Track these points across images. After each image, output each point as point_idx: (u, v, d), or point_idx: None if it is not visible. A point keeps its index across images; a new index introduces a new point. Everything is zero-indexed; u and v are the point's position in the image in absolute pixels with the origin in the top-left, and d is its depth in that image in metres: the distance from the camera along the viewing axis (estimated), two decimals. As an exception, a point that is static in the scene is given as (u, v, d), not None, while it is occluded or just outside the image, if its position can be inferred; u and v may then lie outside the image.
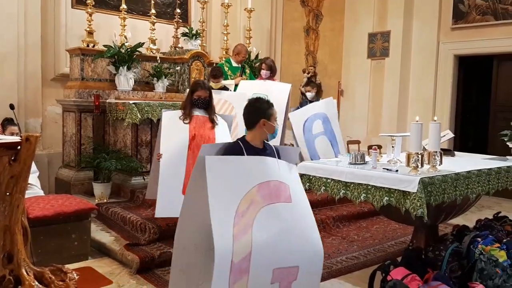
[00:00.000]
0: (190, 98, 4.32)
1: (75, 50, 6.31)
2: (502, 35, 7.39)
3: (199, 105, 4.30)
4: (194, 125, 4.22)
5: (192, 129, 4.20)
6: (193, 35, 7.25)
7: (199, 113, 4.32)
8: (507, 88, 7.79)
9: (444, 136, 4.64)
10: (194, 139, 4.13)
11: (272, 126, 2.92)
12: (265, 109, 2.93)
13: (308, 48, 10.06)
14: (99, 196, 5.57)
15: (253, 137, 2.92)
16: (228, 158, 2.58)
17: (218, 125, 4.33)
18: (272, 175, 2.51)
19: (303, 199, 2.63)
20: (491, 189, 3.81)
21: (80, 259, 4.29)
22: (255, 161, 2.57)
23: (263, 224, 2.37)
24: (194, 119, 4.26)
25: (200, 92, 4.28)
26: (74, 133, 6.10)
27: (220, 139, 4.17)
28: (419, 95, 8.35)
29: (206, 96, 4.30)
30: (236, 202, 2.35)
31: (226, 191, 2.36)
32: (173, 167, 4.09)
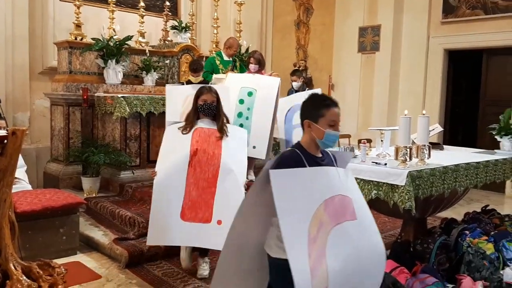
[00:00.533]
0: (195, 105, 3.67)
1: (63, 43, 6.24)
2: (492, 29, 7.42)
3: (206, 111, 3.63)
4: (197, 138, 3.56)
5: (194, 142, 3.52)
6: (183, 28, 7.20)
7: (205, 125, 3.63)
8: (496, 83, 7.84)
9: (433, 130, 4.65)
10: (196, 155, 3.48)
11: (319, 130, 2.30)
12: (311, 106, 2.38)
13: (298, 42, 10.04)
14: (87, 190, 5.53)
15: (307, 143, 2.37)
16: (294, 171, 2.13)
17: (227, 137, 3.61)
18: (335, 189, 2.18)
19: (366, 211, 2.32)
20: (479, 182, 3.82)
21: (69, 254, 4.27)
22: (318, 173, 2.20)
23: (335, 250, 2.06)
24: (198, 132, 3.59)
25: (205, 96, 3.64)
26: (63, 127, 6.04)
27: (228, 154, 3.53)
28: (409, 89, 8.38)
29: (213, 101, 3.64)
30: (306, 225, 2.02)
31: (295, 212, 2.02)
32: (169, 188, 3.46)
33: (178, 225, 3.41)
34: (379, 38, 8.57)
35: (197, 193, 3.43)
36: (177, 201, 3.43)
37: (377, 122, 8.24)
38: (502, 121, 4.58)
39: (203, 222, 3.41)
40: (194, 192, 3.43)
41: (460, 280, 3.20)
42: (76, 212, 4.40)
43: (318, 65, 9.74)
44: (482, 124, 7.65)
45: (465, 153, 4.43)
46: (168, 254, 4.16)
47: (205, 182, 3.44)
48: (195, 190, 3.43)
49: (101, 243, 4.39)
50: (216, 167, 3.45)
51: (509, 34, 7.22)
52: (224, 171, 3.46)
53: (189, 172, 3.46)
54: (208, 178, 3.44)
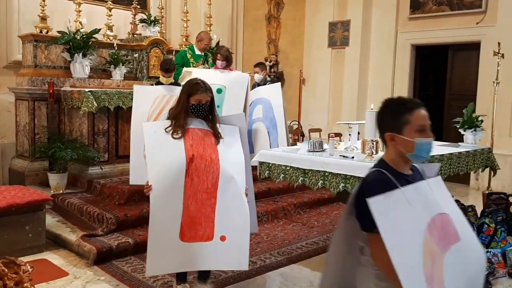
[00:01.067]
0: (185, 104, 3.09)
1: (27, 36, 6.08)
2: (457, 25, 7.60)
3: (199, 113, 3.08)
4: (190, 141, 3.00)
5: (189, 147, 2.97)
6: (152, 21, 7.11)
7: (196, 125, 3.09)
8: (461, 77, 8.05)
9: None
10: (193, 162, 2.93)
11: (407, 142, 1.90)
12: (390, 115, 1.96)
13: (270, 36, 10.06)
14: (54, 186, 5.43)
15: (393, 159, 1.96)
16: (392, 195, 1.76)
17: (223, 139, 3.12)
18: (433, 209, 1.87)
19: (465, 224, 2.02)
20: (444, 174, 3.93)
21: (35, 252, 4.19)
22: (416, 192, 1.85)
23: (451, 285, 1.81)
24: (190, 134, 3.03)
25: (200, 95, 3.07)
26: (28, 122, 5.90)
27: (226, 159, 3.04)
28: (378, 84, 8.51)
29: (207, 101, 3.09)
30: (420, 261, 1.72)
31: (404, 242, 1.72)
32: (167, 205, 2.92)
33: (178, 248, 2.90)
34: (349, 34, 8.67)
35: (196, 207, 2.92)
36: (175, 219, 2.90)
37: (347, 116, 8.35)
38: (465, 115, 4.72)
39: (204, 241, 2.92)
40: (193, 206, 2.91)
41: (425, 270, 3.28)
42: (42, 209, 4.31)
43: (289, 60, 9.79)
44: (448, 118, 7.83)
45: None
46: (137, 250, 4.13)
47: (204, 193, 2.94)
48: (193, 204, 2.92)
49: (69, 240, 4.32)
50: (215, 175, 2.95)
51: (473, 30, 7.41)
52: (224, 179, 2.96)
53: (186, 183, 2.91)
54: (208, 189, 2.94)
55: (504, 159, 6.77)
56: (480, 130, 4.66)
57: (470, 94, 7.50)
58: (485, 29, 7.26)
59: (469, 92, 7.62)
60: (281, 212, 5.40)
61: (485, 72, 7.22)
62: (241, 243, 2.94)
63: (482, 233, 4.18)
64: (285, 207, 5.49)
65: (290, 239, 4.65)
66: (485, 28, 7.26)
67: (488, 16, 7.27)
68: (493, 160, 4.64)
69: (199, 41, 6.09)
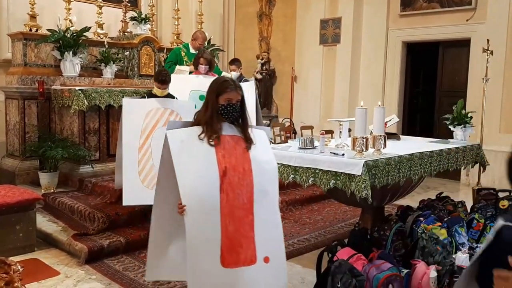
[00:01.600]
0: (214, 105, 2.65)
1: (17, 35, 6.05)
2: (447, 22, 7.65)
3: (230, 114, 2.66)
4: (222, 151, 2.58)
5: (220, 158, 2.57)
6: (142, 19, 7.10)
7: (226, 131, 2.66)
8: (452, 74, 8.10)
9: (390, 120, 4.77)
10: (226, 175, 2.55)
11: None
12: None
13: (261, 33, 10.06)
14: (45, 186, 5.40)
15: None
16: None
17: (255, 145, 2.70)
18: None
19: None
20: (433, 170, 3.96)
21: (26, 251, 4.17)
22: None
23: None
24: (222, 142, 2.60)
25: (230, 93, 2.65)
26: (18, 121, 5.86)
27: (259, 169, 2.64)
28: (369, 80, 8.55)
29: (238, 100, 2.69)
30: None
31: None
32: (205, 228, 2.52)
33: (220, 276, 2.55)
34: (340, 31, 8.69)
35: (234, 226, 2.55)
36: (214, 243, 2.52)
37: (339, 113, 8.38)
38: (455, 112, 4.75)
39: (247, 265, 2.57)
40: (231, 226, 2.54)
41: (414, 265, 3.31)
42: (33, 208, 4.29)
43: (281, 57, 9.80)
44: (438, 114, 7.89)
45: (420, 142, 4.57)
46: (129, 248, 4.13)
47: (241, 210, 2.57)
48: (231, 224, 2.54)
49: (60, 239, 4.30)
50: (249, 188, 2.61)
51: (463, 27, 7.46)
52: (259, 192, 2.62)
53: (222, 200, 2.53)
54: (244, 204, 2.58)
55: (494, 155, 6.83)
56: (470, 127, 4.69)
57: (461, 91, 7.56)
58: (475, 26, 7.30)
59: (460, 88, 7.68)
60: (273, 209, 5.41)
61: (475, 69, 7.28)
62: (282, 263, 2.67)
63: (472, 228, 4.21)
64: (277, 204, 5.49)
65: (282, 236, 4.66)
66: (475, 25, 7.31)
67: (478, 13, 7.32)
68: (482, 156, 4.68)
69: (194, 40, 6.05)
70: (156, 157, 3.96)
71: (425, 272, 3.25)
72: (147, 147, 4.23)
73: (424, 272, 3.25)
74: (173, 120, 3.94)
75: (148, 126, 4.28)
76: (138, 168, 4.18)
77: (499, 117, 7.03)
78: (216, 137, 2.57)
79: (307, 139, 3.94)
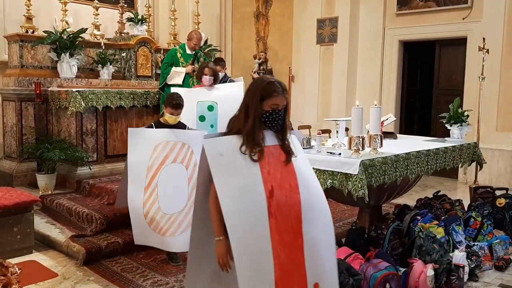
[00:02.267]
0: (257, 112, 2.24)
1: (13, 37, 6.03)
2: (444, 21, 7.66)
3: (275, 123, 2.28)
4: (267, 167, 2.23)
5: (266, 175, 2.21)
6: (139, 20, 7.08)
7: (269, 141, 2.28)
8: (448, 72, 8.12)
9: (387, 119, 4.78)
10: (273, 195, 2.19)
11: None
12: None
13: (258, 33, 10.06)
14: (43, 187, 5.40)
15: None
16: None
17: (297, 157, 2.34)
18: None
19: None
20: (430, 169, 3.96)
21: (24, 253, 4.17)
22: None
23: None
24: (266, 155, 2.24)
25: (277, 98, 2.25)
26: (15, 123, 5.86)
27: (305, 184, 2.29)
28: (366, 80, 8.56)
29: (284, 106, 2.29)
30: None
31: None
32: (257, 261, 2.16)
33: None
34: (337, 30, 8.70)
35: (285, 253, 2.23)
36: (267, 276, 2.18)
37: (336, 113, 8.39)
38: (451, 110, 4.76)
39: None
40: (283, 254, 2.21)
41: (412, 264, 3.32)
42: (31, 210, 4.28)
43: (278, 57, 9.80)
44: (435, 113, 7.91)
45: (417, 141, 4.58)
46: (127, 249, 4.13)
47: (290, 233, 2.25)
48: (283, 251, 2.21)
49: (58, 241, 4.30)
50: (297, 208, 2.25)
51: (459, 26, 7.48)
52: (306, 209, 2.27)
53: (271, 225, 2.19)
54: (292, 227, 2.25)
55: (491, 153, 6.85)
56: (466, 125, 4.70)
57: (458, 89, 7.58)
58: (471, 25, 7.32)
59: (457, 87, 7.70)
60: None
61: (471, 67, 7.29)
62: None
63: (469, 226, 4.23)
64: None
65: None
66: (471, 24, 7.33)
67: (474, 11, 7.34)
68: (479, 154, 4.69)
69: (189, 40, 6.04)
70: (163, 199, 3.69)
71: (422, 270, 3.26)
72: (153, 187, 3.69)
73: (421, 271, 3.26)
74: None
75: (155, 162, 3.68)
76: (144, 210, 3.70)
77: (495, 115, 7.04)
78: (260, 150, 2.21)
79: (304, 139, 3.94)
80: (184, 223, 3.71)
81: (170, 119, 3.83)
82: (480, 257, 3.83)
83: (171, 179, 3.71)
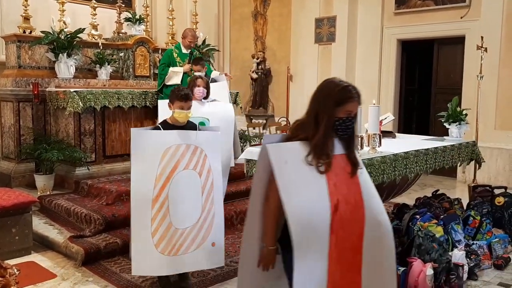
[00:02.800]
0: (331, 119, 2.08)
1: (10, 37, 6.01)
2: (442, 20, 7.66)
3: (346, 131, 2.12)
4: (334, 179, 2.07)
5: (332, 188, 2.05)
6: (137, 20, 7.08)
7: (337, 150, 2.12)
8: (447, 71, 8.12)
9: (386, 118, 4.78)
10: (338, 210, 2.03)
11: None
12: None
13: (256, 33, 10.06)
14: (41, 188, 5.38)
15: None
16: None
17: (362, 169, 2.20)
18: None
19: None
20: (429, 168, 3.97)
21: (22, 254, 4.15)
22: None
23: None
24: (333, 166, 2.08)
25: (353, 105, 2.11)
26: (13, 124, 5.84)
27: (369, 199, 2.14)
28: (365, 79, 8.55)
29: (356, 114, 2.15)
30: None
31: None
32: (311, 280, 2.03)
33: None
34: (335, 29, 8.70)
35: (341, 272, 2.08)
36: None
37: (335, 112, 8.38)
38: (450, 109, 4.76)
39: None
40: (338, 273, 2.07)
41: (411, 263, 3.32)
42: (29, 211, 4.27)
43: (277, 57, 9.80)
44: (434, 112, 7.91)
45: (416, 140, 4.58)
46: (126, 250, 4.11)
47: (350, 251, 2.08)
48: (338, 270, 2.07)
49: (56, 241, 4.29)
50: (361, 224, 2.09)
51: (457, 24, 7.48)
52: (370, 226, 2.10)
53: (331, 241, 2.01)
54: (353, 243, 2.09)
55: (490, 151, 6.86)
56: (465, 124, 4.70)
57: (456, 88, 7.58)
58: (469, 23, 7.32)
59: (455, 85, 7.70)
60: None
61: (470, 66, 7.30)
62: None
63: (468, 225, 4.23)
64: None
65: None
66: (469, 22, 7.33)
67: (472, 10, 7.34)
68: (477, 153, 4.70)
69: (184, 38, 6.02)
70: (175, 212, 3.15)
71: (422, 269, 3.26)
72: (163, 200, 3.14)
73: (420, 270, 3.26)
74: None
75: (165, 170, 3.14)
76: (151, 227, 3.13)
77: (494, 114, 7.05)
78: (328, 162, 2.03)
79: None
80: (198, 238, 3.24)
81: (180, 115, 3.28)
82: (479, 256, 3.83)
83: (183, 189, 3.17)
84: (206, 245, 3.25)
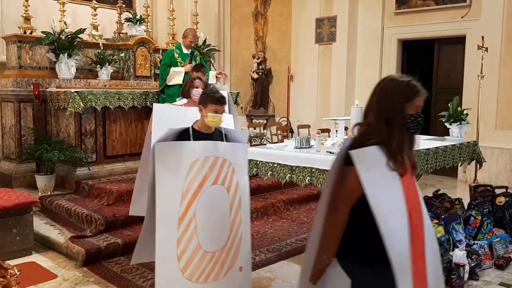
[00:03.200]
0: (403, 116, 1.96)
1: (11, 37, 6.02)
2: (442, 20, 7.66)
3: (418, 128, 2.02)
4: (406, 184, 1.95)
5: (407, 194, 1.93)
6: (137, 20, 7.07)
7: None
8: (448, 71, 8.11)
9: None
10: (412, 219, 1.92)
11: None
12: None
13: (257, 33, 10.06)
14: (42, 188, 5.38)
15: None
16: None
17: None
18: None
19: None
20: (430, 168, 3.97)
21: (23, 254, 4.16)
22: None
23: None
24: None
25: (421, 99, 2.03)
26: (14, 124, 5.85)
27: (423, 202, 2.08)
28: (365, 78, 8.54)
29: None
30: None
31: None
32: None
33: None
34: (336, 29, 8.69)
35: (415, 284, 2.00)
36: None
37: (335, 112, 8.39)
38: (450, 109, 4.76)
39: None
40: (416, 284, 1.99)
41: (412, 263, 3.31)
42: (30, 211, 4.27)
43: (277, 57, 9.80)
44: (435, 112, 7.90)
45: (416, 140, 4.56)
46: (126, 250, 4.11)
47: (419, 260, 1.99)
48: (417, 284, 1.98)
49: (57, 242, 4.29)
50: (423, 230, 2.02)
51: (458, 24, 7.47)
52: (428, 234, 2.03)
53: (413, 254, 1.91)
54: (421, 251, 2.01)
55: (490, 151, 6.86)
56: (465, 124, 4.71)
57: (457, 88, 7.57)
58: (470, 23, 7.32)
59: (456, 85, 7.69)
60: (270, 209, 5.41)
61: (470, 66, 7.29)
62: None
63: (469, 225, 4.23)
64: (274, 204, 5.50)
65: (279, 236, 4.67)
66: (470, 22, 7.32)
67: (472, 10, 7.33)
68: (478, 153, 4.70)
69: (184, 37, 6.02)
70: (203, 233, 2.74)
71: (423, 269, 3.25)
72: (190, 218, 2.75)
73: (421, 270, 3.25)
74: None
75: (192, 186, 2.76)
76: (178, 250, 2.72)
77: (495, 113, 7.05)
78: (405, 165, 1.88)
79: (303, 139, 3.95)
80: (228, 262, 2.87)
81: (214, 119, 2.87)
82: (480, 256, 3.83)
83: (212, 206, 2.81)
84: (234, 271, 2.88)
